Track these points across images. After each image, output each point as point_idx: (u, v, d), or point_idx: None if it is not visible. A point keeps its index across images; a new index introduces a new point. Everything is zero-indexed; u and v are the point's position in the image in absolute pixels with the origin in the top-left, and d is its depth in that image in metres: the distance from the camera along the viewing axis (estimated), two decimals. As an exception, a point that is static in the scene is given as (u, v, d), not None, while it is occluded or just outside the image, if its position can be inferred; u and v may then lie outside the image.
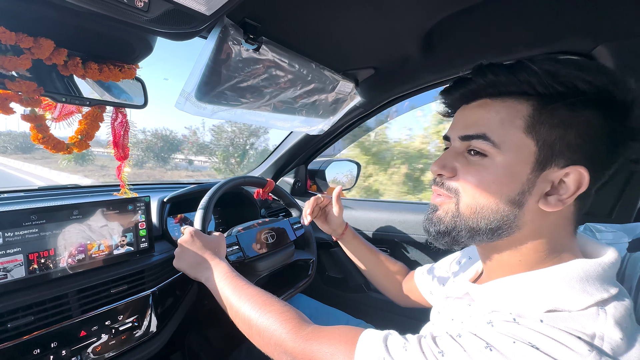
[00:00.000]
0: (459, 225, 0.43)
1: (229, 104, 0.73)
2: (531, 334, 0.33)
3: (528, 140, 0.38)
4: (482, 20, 0.67)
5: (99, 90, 0.69)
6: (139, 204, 0.75)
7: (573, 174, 0.37)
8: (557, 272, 0.38)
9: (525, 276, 0.40)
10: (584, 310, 0.35)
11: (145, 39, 0.57)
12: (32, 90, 0.51)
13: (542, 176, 0.39)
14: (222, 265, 0.66)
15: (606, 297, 0.35)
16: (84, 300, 0.63)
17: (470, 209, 0.42)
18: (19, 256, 0.57)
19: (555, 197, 0.38)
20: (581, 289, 0.36)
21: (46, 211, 0.61)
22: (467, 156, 0.43)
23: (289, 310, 0.53)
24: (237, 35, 0.58)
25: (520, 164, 0.39)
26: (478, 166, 0.41)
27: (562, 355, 0.30)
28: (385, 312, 1.12)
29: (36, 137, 0.63)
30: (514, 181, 0.39)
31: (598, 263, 0.38)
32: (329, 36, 0.70)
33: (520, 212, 0.40)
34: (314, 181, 1.44)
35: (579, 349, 0.31)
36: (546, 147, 0.38)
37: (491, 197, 0.40)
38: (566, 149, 0.37)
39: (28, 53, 0.49)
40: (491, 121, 0.40)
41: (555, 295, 0.36)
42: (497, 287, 0.42)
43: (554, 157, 0.38)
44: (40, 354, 0.56)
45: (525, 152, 0.39)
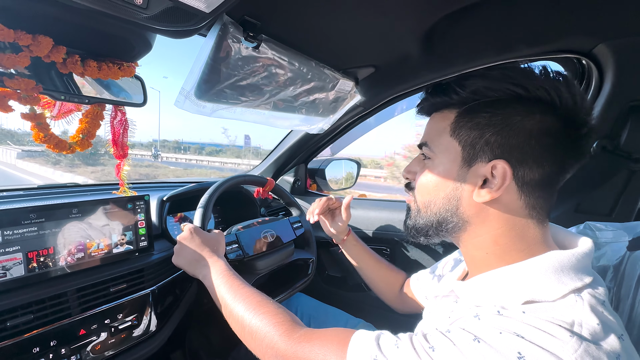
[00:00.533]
0: (419, 221, 0.50)
1: (228, 102, 0.73)
2: (515, 324, 0.34)
3: (454, 142, 0.45)
4: (482, 19, 0.66)
5: (98, 88, 0.69)
6: (139, 203, 0.75)
7: (498, 168, 0.41)
8: (532, 265, 0.41)
9: (503, 270, 0.43)
10: (561, 299, 0.37)
11: (144, 36, 0.57)
12: (30, 88, 0.51)
13: (471, 171, 0.44)
14: (220, 264, 0.66)
15: (580, 285, 0.38)
16: (84, 299, 0.63)
17: (423, 205, 0.50)
18: (18, 255, 0.57)
19: (486, 190, 0.43)
20: (556, 279, 0.38)
21: (45, 209, 0.60)
22: (424, 161, 0.50)
23: (282, 312, 0.53)
24: (237, 33, 0.58)
25: (449, 162, 0.46)
26: (425, 169, 0.49)
27: (545, 343, 0.32)
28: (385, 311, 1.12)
29: (38, 136, 0.63)
30: (447, 178, 0.46)
31: (572, 254, 0.40)
32: (329, 34, 0.70)
33: (461, 206, 0.45)
34: (314, 180, 1.44)
35: (561, 335, 0.32)
36: (468, 146, 0.44)
37: (432, 193, 0.48)
38: (485, 146, 0.42)
39: (27, 51, 0.49)
40: (432, 130, 0.49)
41: (532, 286, 0.39)
42: (478, 282, 0.45)
43: (477, 154, 0.43)
44: (40, 352, 0.56)
45: (453, 152, 0.45)
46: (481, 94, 0.42)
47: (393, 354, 0.38)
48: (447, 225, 0.47)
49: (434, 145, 0.48)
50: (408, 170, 0.54)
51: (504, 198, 0.43)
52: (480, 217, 0.45)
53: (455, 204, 0.46)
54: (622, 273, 0.58)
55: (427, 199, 0.48)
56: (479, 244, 0.46)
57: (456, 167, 0.45)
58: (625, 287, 0.57)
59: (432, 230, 0.49)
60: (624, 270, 0.58)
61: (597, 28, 0.61)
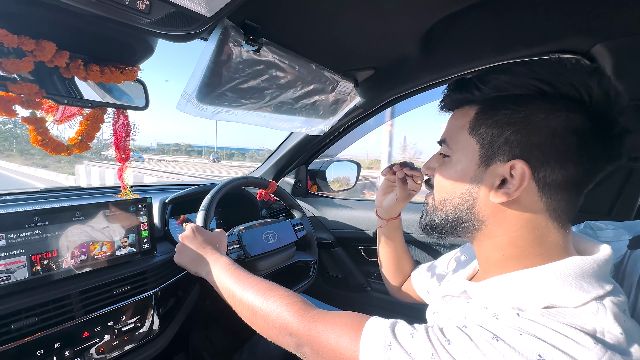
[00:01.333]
0: (435, 218, 0.50)
1: (229, 105, 0.74)
2: (536, 327, 0.33)
3: (472, 140, 0.43)
4: (480, 20, 0.67)
5: (101, 92, 0.69)
6: (141, 205, 0.75)
7: (517, 168, 0.40)
8: (553, 269, 0.39)
9: (521, 273, 0.41)
10: (582, 306, 0.35)
11: (147, 40, 0.58)
12: (34, 92, 0.51)
13: (488, 171, 0.42)
14: (223, 259, 0.66)
15: (602, 293, 0.36)
16: (87, 301, 0.63)
17: (439, 202, 0.49)
18: (22, 257, 0.58)
19: (503, 190, 0.41)
20: (577, 285, 0.36)
21: (49, 213, 0.61)
22: (443, 159, 0.49)
23: (293, 294, 0.53)
24: (238, 37, 0.59)
25: (467, 161, 0.44)
26: (444, 166, 0.48)
27: (568, 348, 0.31)
28: (387, 311, 1.13)
29: (35, 139, 0.63)
30: (464, 176, 0.45)
31: (593, 260, 0.39)
32: (329, 37, 0.70)
33: (476, 205, 0.44)
34: (315, 181, 1.44)
35: (585, 342, 0.31)
36: (486, 144, 0.42)
37: (449, 191, 0.47)
38: (504, 145, 0.41)
39: (30, 56, 0.50)
40: (452, 127, 0.47)
41: (552, 292, 0.37)
42: (494, 284, 0.43)
43: (496, 153, 0.41)
44: (44, 354, 0.57)
45: (471, 151, 0.44)
46: (503, 89, 0.40)
47: (408, 342, 0.37)
48: (463, 224, 0.46)
49: (452, 143, 0.46)
50: (427, 167, 0.53)
51: (523, 199, 0.41)
52: (497, 217, 0.43)
53: (470, 203, 0.44)
54: (622, 272, 0.58)
55: (444, 197, 0.47)
56: (495, 244, 0.45)
57: (473, 166, 0.43)
58: (626, 286, 0.57)
59: (447, 228, 0.48)
60: (625, 269, 0.58)
61: (595, 28, 0.62)
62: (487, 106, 0.42)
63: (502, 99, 0.41)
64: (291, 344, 0.49)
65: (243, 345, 1.13)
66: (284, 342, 0.50)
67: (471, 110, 0.44)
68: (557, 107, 0.38)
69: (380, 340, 0.38)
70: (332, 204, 1.32)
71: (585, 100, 0.38)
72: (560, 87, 0.38)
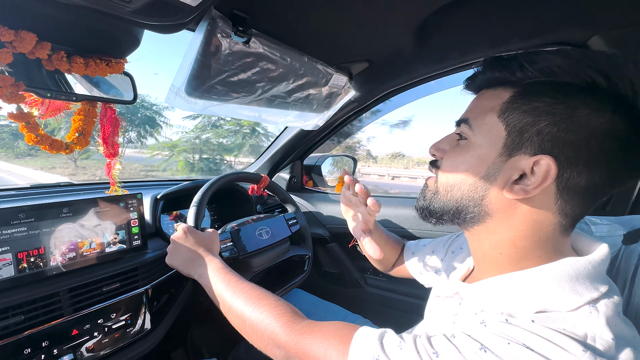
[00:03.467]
0: (434, 202, 0.46)
1: (220, 99, 0.72)
2: (524, 335, 0.32)
3: (500, 125, 0.39)
4: (476, 12, 0.65)
5: (87, 85, 0.67)
6: (131, 201, 0.74)
7: (542, 164, 0.36)
8: (546, 272, 0.38)
9: (514, 275, 0.40)
10: (575, 310, 0.34)
11: (132, 31, 0.56)
12: (9, 84, 0.49)
13: (509, 162, 0.39)
14: (215, 262, 0.65)
15: (596, 296, 0.35)
16: (76, 299, 0.62)
17: (444, 187, 0.45)
18: (7, 255, 0.56)
19: (521, 186, 0.38)
20: (571, 289, 0.35)
21: (34, 209, 0.60)
22: (457, 141, 0.45)
23: (282, 304, 0.52)
24: (226, 28, 0.57)
25: (488, 147, 0.40)
26: (458, 148, 0.44)
27: (556, 356, 0.30)
28: (382, 306, 1.13)
29: (30, 137, 0.62)
30: (480, 163, 0.41)
31: (588, 261, 0.37)
32: (321, 28, 0.69)
33: (487, 197, 0.41)
34: (310, 177, 1.43)
35: (573, 349, 0.30)
36: (515, 132, 0.38)
37: (459, 177, 0.43)
38: (536, 136, 0.37)
39: (9, 47, 0.48)
40: (478, 107, 0.43)
41: (544, 295, 0.36)
42: (486, 286, 0.42)
43: (523, 144, 0.38)
44: (31, 353, 0.56)
45: (495, 136, 0.40)
46: (552, 74, 0.36)
47: (396, 355, 0.36)
48: (466, 215, 0.43)
49: (476, 125, 0.41)
50: (437, 148, 0.48)
51: (538, 198, 0.38)
52: (505, 213, 0.40)
53: (481, 194, 0.41)
54: (617, 267, 0.58)
55: (451, 182, 0.43)
56: (495, 242, 0.42)
57: (494, 153, 0.39)
58: (620, 281, 0.56)
59: (448, 215, 0.45)
60: (619, 264, 0.57)
61: (591, 19, 0.61)
62: (526, 89, 0.38)
63: (546, 85, 0.37)
64: (279, 356, 0.49)
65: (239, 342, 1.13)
66: (273, 353, 0.49)
67: (505, 92, 0.40)
68: (604, 106, 0.34)
69: (368, 354, 0.38)
70: (328, 199, 1.31)
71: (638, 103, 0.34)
72: (617, 83, 0.34)
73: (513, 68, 0.39)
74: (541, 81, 0.37)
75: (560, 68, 0.36)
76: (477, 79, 0.44)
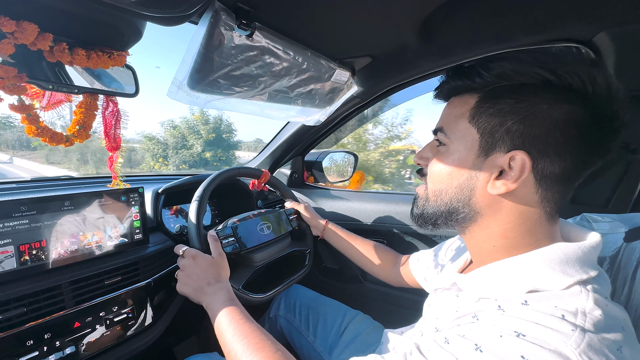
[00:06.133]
0: (427, 209, 0.49)
1: (222, 93, 0.72)
2: (516, 323, 0.34)
3: (472, 129, 0.43)
4: (481, 7, 0.65)
5: (88, 78, 0.67)
6: (133, 195, 0.74)
7: (517, 159, 0.39)
8: (537, 255, 0.40)
9: (507, 261, 0.42)
10: (565, 289, 0.36)
11: (134, 23, 0.55)
12: (12, 76, 0.49)
13: (487, 161, 0.42)
14: (222, 293, 0.64)
15: (585, 278, 0.37)
16: (78, 292, 0.63)
17: (433, 193, 0.48)
18: (9, 247, 0.56)
19: (502, 181, 0.41)
20: (561, 270, 0.37)
21: (36, 202, 0.60)
22: (437, 147, 0.48)
23: (279, 357, 0.51)
24: (229, 21, 0.56)
25: (465, 150, 0.43)
26: (439, 155, 0.47)
27: (547, 338, 0.31)
28: (382, 302, 1.13)
29: (30, 129, 0.62)
30: (461, 166, 0.44)
31: (578, 246, 0.39)
32: (324, 23, 0.68)
33: (474, 197, 0.43)
34: (311, 173, 1.43)
35: (563, 329, 0.32)
36: (487, 134, 0.41)
37: (445, 182, 0.46)
38: (506, 135, 0.40)
39: (11, 37, 0.47)
40: (450, 115, 0.46)
41: (535, 276, 0.38)
42: (481, 274, 0.44)
43: (496, 143, 0.41)
44: (34, 344, 0.56)
45: (470, 140, 0.43)
46: (507, 77, 0.40)
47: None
48: (458, 216, 0.45)
49: (450, 132, 0.45)
50: (420, 157, 0.52)
51: (519, 191, 0.41)
52: (492, 208, 0.43)
53: (468, 194, 0.44)
54: (618, 264, 0.58)
55: (439, 187, 0.46)
56: (487, 236, 0.45)
57: (472, 155, 0.43)
58: (621, 278, 0.57)
59: (442, 219, 0.47)
60: (620, 261, 0.57)
61: (597, 16, 0.60)
62: (489, 94, 0.41)
63: (505, 88, 0.40)
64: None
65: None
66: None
67: (471, 98, 0.43)
68: (559, 98, 0.38)
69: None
70: (329, 195, 1.31)
71: (589, 92, 0.37)
72: (565, 77, 0.37)
73: (472, 75, 0.42)
74: (500, 85, 0.40)
75: (514, 71, 0.39)
76: (444, 88, 0.47)
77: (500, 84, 0.40)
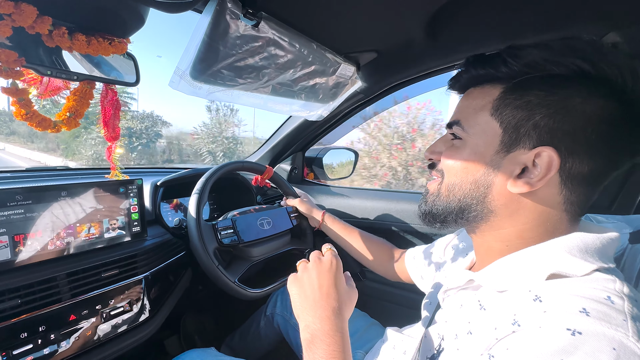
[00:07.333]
0: (437, 206, 0.46)
1: (225, 84, 0.70)
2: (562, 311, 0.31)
3: (494, 123, 0.39)
4: (490, 4, 0.64)
5: (88, 66, 0.65)
6: (131, 187, 0.73)
7: (543, 156, 0.36)
8: (556, 243, 0.38)
9: (525, 251, 0.40)
10: (589, 275, 0.34)
11: (137, 9, 0.54)
12: (12, 60, 0.47)
13: (508, 157, 0.39)
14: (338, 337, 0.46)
15: (606, 267, 0.35)
16: (74, 284, 0.61)
17: (446, 188, 0.45)
18: (4, 237, 0.55)
19: (524, 180, 0.38)
20: (581, 257, 0.35)
21: (32, 191, 0.58)
22: (452, 141, 0.45)
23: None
24: (235, 9, 0.55)
25: (484, 145, 0.40)
26: (454, 149, 0.44)
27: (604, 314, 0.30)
28: (381, 300, 1.13)
29: (19, 113, 0.59)
30: (478, 161, 0.41)
31: (597, 237, 0.37)
32: (332, 15, 0.67)
33: (489, 194, 0.41)
34: (311, 169, 1.42)
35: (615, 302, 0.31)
36: (510, 128, 0.38)
37: (459, 177, 0.43)
38: (533, 130, 0.37)
39: (8, 19, 0.45)
40: (468, 107, 0.43)
41: (556, 261, 0.36)
42: (499, 266, 0.41)
43: (521, 139, 0.38)
44: (28, 337, 0.55)
45: (490, 134, 0.40)
46: (538, 67, 0.36)
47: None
48: (469, 214, 0.43)
49: (469, 125, 0.42)
50: (431, 151, 0.48)
51: (542, 191, 0.38)
52: (509, 208, 0.40)
53: (483, 191, 0.41)
54: (622, 266, 0.57)
55: (452, 182, 0.44)
56: (501, 236, 0.42)
57: (491, 151, 0.40)
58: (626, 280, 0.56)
59: (452, 217, 0.44)
60: (625, 263, 0.57)
61: (608, 15, 0.59)
62: (516, 85, 0.38)
63: (535, 78, 0.37)
64: None
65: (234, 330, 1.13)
66: None
67: (494, 89, 0.40)
68: (594, 92, 0.35)
69: None
70: (329, 192, 1.30)
71: (627, 86, 0.34)
72: (604, 68, 0.34)
73: (497, 64, 0.39)
74: (528, 75, 0.37)
75: (546, 60, 0.36)
76: (462, 78, 0.44)
77: (529, 73, 0.37)
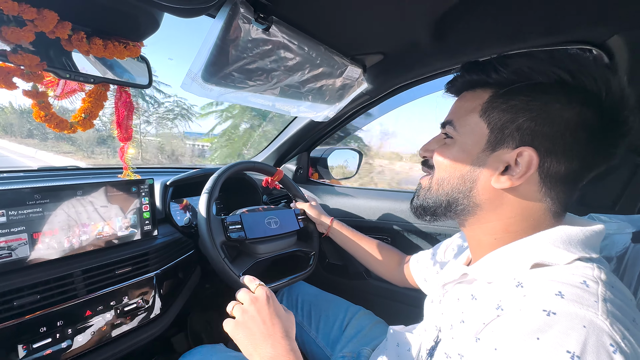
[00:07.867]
0: (428, 198, 0.50)
1: (236, 87, 0.72)
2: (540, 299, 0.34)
3: (482, 123, 0.43)
4: (495, 7, 0.65)
5: (102, 68, 0.67)
6: (143, 186, 0.74)
7: (524, 155, 0.40)
8: (541, 236, 0.41)
9: (512, 244, 0.43)
10: (571, 263, 0.38)
11: (152, 14, 0.55)
12: (35, 64, 0.49)
13: (493, 156, 0.42)
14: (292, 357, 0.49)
15: (588, 257, 0.38)
16: (89, 281, 0.63)
17: (437, 182, 0.49)
18: (23, 235, 0.57)
19: (507, 176, 0.41)
20: (564, 248, 0.39)
21: (50, 190, 0.60)
22: (444, 140, 0.49)
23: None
24: (247, 14, 0.56)
25: (472, 144, 0.44)
26: (445, 147, 0.48)
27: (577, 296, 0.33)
28: (385, 299, 1.14)
29: (38, 114, 0.61)
30: (466, 158, 0.45)
31: (580, 229, 0.40)
32: (340, 19, 0.68)
33: (474, 188, 0.44)
34: (316, 169, 1.44)
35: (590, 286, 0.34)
36: (497, 129, 0.42)
37: (448, 172, 0.47)
38: (516, 131, 0.40)
39: (31, 25, 0.47)
40: (460, 109, 0.46)
41: (540, 251, 0.39)
42: (490, 259, 0.44)
43: (505, 139, 0.41)
44: (47, 332, 0.57)
45: (478, 134, 0.43)
46: (523, 75, 0.40)
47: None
48: (457, 207, 0.46)
49: (460, 125, 0.46)
50: (425, 149, 0.52)
51: (523, 187, 0.42)
52: (493, 203, 0.44)
53: (469, 185, 0.45)
54: (625, 264, 0.59)
55: (442, 176, 0.48)
56: (488, 229, 0.46)
57: (478, 149, 0.44)
58: (627, 278, 0.57)
59: (441, 209, 0.48)
60: (627, 262, 0.58)
61: (612, 18, 0.60)
62: (503, 90, 0.42)
63: (522, 85, 0.40)
64: None
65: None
66: None
67: (484, 93, 0.43)
68: (573, 99, 0.38)
69: None
70: (334, 192, 1.31)
71: (602, 95, 0.38)
72: (581, 79, 0.38)
73: (489, 70, 0.42)
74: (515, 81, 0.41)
75: (531, 69, 0.40)
76: (457, 82, 0.48)
77: (516, 80, 0.41)
